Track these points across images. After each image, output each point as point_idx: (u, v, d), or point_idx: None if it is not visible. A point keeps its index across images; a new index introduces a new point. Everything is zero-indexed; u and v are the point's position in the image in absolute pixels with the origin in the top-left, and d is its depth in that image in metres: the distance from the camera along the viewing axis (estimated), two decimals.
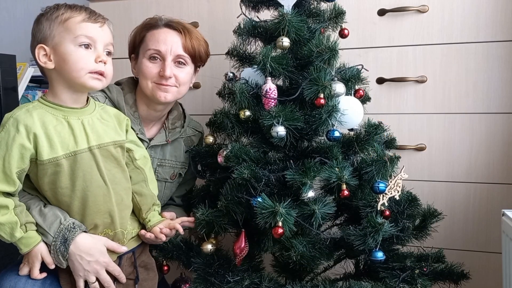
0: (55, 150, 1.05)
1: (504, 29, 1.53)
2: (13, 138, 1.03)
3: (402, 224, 1.27)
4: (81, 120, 1.10)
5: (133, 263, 1.22)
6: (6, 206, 1.04)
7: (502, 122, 1.56)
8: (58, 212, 1.10)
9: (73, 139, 1.08)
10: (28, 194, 1.13)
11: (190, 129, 1.50)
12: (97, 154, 1.10)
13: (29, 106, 1.08)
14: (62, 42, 1.06)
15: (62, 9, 1.08)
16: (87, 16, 1.08)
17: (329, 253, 1.22)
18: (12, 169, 1.03)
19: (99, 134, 1.12)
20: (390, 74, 1.65)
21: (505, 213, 1.24)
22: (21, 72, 1.77)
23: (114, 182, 1.14)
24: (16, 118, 1.05)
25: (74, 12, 1.08)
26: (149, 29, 1.38)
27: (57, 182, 1.07)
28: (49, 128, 1.05)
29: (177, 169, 1.45)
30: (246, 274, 1.23)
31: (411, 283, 1.21)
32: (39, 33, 1.08)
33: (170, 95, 1.36)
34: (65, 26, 1.06)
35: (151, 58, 1.35)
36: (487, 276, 1.57)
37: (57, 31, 1.06)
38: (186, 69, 1.38)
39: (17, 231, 1.05)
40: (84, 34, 1.07)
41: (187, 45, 1.36)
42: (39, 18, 1.10)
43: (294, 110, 1.21)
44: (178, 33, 1.36)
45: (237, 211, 1.21)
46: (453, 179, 1.63)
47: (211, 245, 1.26)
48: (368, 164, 1.20)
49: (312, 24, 1.34)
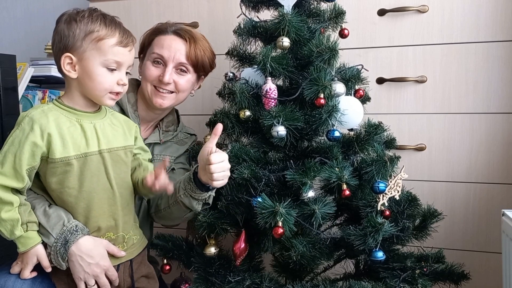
0: (67, 150, 1.07)
1: (504, 29, 1.53)
2: (27, 136, 1.05)
3: (402, 224, 1.27)
4: (93, 124, 1.12)
5: (130, 273, 1.21)
6: (11, 203, 1.05)
7: (502, 122, 1.56)
8: (62, 213, 1.10)
9: (85, 141, 1.10)
10: (35, 194, 1.13)
11: (182, 133, 1.52)
12: (106, 158, 1.12)
13: (45, 108, 1.10)
14: (91, 59, 1.07)
15: (98, 24, 1.07)
16: (120, 40, 1.09)
17: (329, 253, 1.22)
18: (23, 165, 1.05)
19: (109, 139, 1.14)
20: (390, 74, 1.65)
21: (505, 213, 1.24)
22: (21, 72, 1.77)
23: (122, 187, 1.16)
24: (31, 118, 1.07)
25: (109, 31, 1.08)
26: (158, 34, 1.41)
27: (65, 181, 1.08)
28: (63, 129, 1.08)
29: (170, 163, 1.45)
30: (247, 274, 1.23)
31: (411, 283, 1.21)
32: (68, 38, 1.07)
33: (167, 102, 1.39)
34: (98, 45, 1.07)
35: (154, 61, 1.39)
36: (487, 276, 1.57)
37: (89, 47, 1.07)
38: (186, 77, 1.40)
39: (17, 229, 1.05)
40: (115, 59, 1.08)
41: (190, 54, 1.38)
42: (70, 21, 1.08)
43: (294, 110, 1.21)
44: (184, 41, 1.38)
45: (237, 211, 1.21)
46: (453, 179, 1.63)
47: (214, 248, 1.27)
48: (368, 164, 1.20)
49: (312, 24, 1.34)
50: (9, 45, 2.22)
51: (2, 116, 1.56)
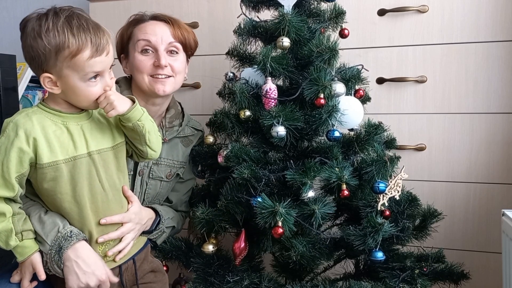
0: (55, 154, 1.04)
1: (504, 29, 1.53)
2: (12, 143, 1.01)
3: (402, 224, 1.27)
4: (80, 125, 1.08)
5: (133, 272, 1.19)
6: (3, 214, 1.02)
7: (502, 122, 1.56)
8: (57, 220, 1.07)
9: (72, 144, 1.06)
10: (30, 201, 1.11)
11: (189, 128, 1.48)
12: (96, 160, 1.08)
13: (29, 111, 1.06)
14: (70, 76, 1.02)
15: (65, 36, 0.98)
16: (95, 50, 1.01)
17: (329, 253, 1.22)
18: (11, 173, 1.01)
19: (98, 140, 1.10)
20: (390, 74, 1.65)
21: (505, 213, 1.24)
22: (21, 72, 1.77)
23: (115, 188, 1.13)
24: (15, 123, 1.03)
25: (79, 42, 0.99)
26: (136, 24, 1.39)
27: (57, 187, 1.05)
28: (49, 133, 1.04)
29: (175, 168, 1.43)
30: (245, 274, 1.23)
31: (411, 283, 1.21)
32: (40, 57, 1.00)
33: (168, 87, 1.35)
34: (72, 62, 1.00)
35: (143, 51, 1.35)
36: (487, 276, 1.57)
37: (64, 65, 1.01)
38: (179, 58, 1.38)
39: (11, 239, 1.03)
40: (93, 70, 1.02)
41: (176, 34, 1.37)
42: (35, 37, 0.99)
43: (294, 110, 1.21)
44: (166, 23, 1.38)
45: (237, 211, 1.21)
46: (453, 179, 1.63)
47: (212, 245, 1.26)
48: (368, 164, 1.20)
49: (312, 24, 1.34)
50: (9, 45, 2.22)
51: (2, 116, 1.56)
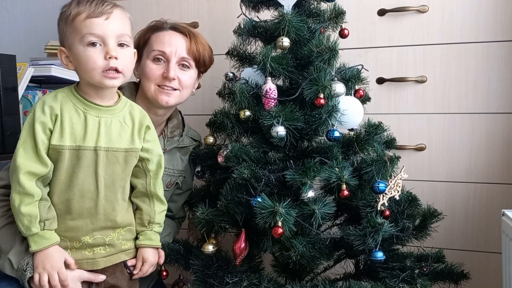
0: (63, 138, 1.03)
1: (504, 29, 1.53)
2: (38, 118, 1.03)
3: (402, 224, 1.27)
4: (99, 118, 1.07)
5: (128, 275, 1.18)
6: (31, 195, 1.00)
7: (502, 122, 1.56)
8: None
9: (83, 133, 1.05)
10: None
11: (188, 138, 1.48)
12: (101, 156, 1.06)
13: (58, 91, 1.09)
14: (73, 43, 1.03)
15: (72, 5, 1.03)
16: (92, 11, 1.00)
17: (329, 253, 1.22)
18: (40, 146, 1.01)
19: (112, 138, 1.08)
20: (390, 74, 1.65)
21: (505, 213, 1.24)
22: (21, 72, 1.77)
23: (110, 190, 1.10)
24: (43, 100, 1.06)
25: (80, 7, 1.01)
26: (154, 31, 1.38)
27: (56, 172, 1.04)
28: (65, 117, 1.04)
29: (174, 177, 1.43)
30: (244, 275, 1.22)
31: (411, 283, 1.20)
32: (59, 34, 1.07)
33: (173, 99, 1.35)
34: (73, 26, 1.02)
35: (155, 59, 1.35)
36: (487, 276, 1.57)
37: (68, 31, 1.03)
38: (189, 73, 1.38)
39: (34, 226, 1.01)
40: (90, 32, 1.00)
41: (192, 49, 1.36)
42: (59, 17, 1.06)
43: (294, 110, 1.21)
44: (184, 36, 1.36)
45: (237, 211, 1.21)
46: (453, 179, 1.63)
47: (212, 246, 1.26)
48: (368, 164, 1.20)
49: (312, 24, 1.34)
50: (9, 45, 2.22)
51: (2, 116, 1.56)
